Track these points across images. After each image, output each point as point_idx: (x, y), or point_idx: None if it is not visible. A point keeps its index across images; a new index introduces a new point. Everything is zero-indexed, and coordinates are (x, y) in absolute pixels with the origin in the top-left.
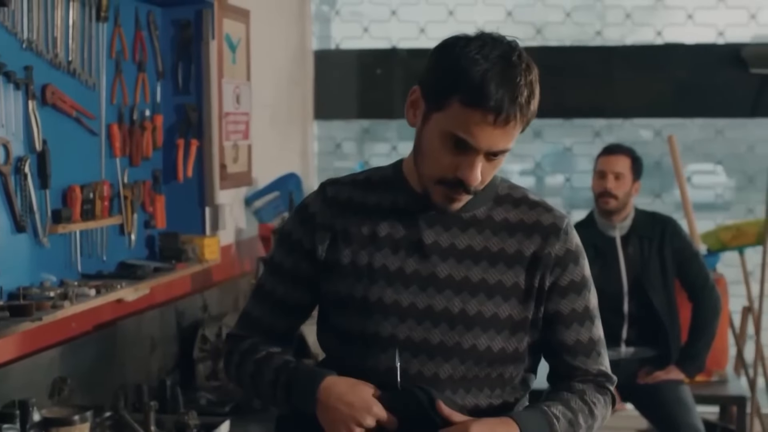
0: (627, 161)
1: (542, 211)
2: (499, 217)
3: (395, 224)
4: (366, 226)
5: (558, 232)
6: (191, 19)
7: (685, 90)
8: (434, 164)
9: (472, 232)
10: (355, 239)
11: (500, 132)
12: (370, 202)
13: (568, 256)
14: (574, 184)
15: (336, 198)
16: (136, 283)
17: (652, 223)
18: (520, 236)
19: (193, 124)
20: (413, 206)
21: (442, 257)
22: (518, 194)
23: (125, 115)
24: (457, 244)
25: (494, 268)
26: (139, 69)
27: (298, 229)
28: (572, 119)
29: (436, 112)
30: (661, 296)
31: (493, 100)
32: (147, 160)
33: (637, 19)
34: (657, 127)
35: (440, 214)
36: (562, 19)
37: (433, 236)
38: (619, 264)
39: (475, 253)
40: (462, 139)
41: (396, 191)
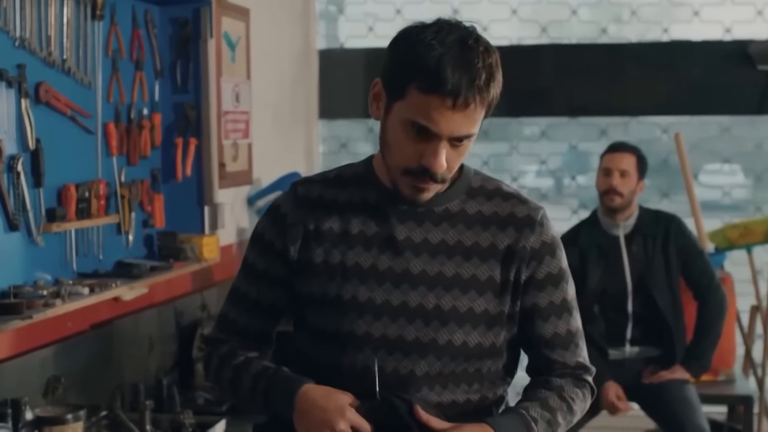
0: (632, 159)
1: (516, 203)
2: (472, 211)
3: (367, 221)
4: (337, 223)
5: (533, 224)
6: (189, 18)
7: (692, 87)
8: (399, 154)
9: (445, 227)
10: (327, 238)
11: (461, 116)
12: (341, 200)
13: (544, 248)
14: (580, 183)
15: (307, 197)
16: (132, 282)
17: (656, 222)
18: (494, 229)
19: (191, 122)
20: (384, 202)
21: (415, 253)
22: (491, 186)
23: (122, 113)
24: (431, 239)
25: (468, 263)
26: (137, 67)
27: (270, 230)
28: (579, 117)
29: (397, 101)
30: (666, 295)
31: (450, 84)
32: (145, 159)
33: (643, 17)
34: (664, 125)
35: (412, 210)
36: (567, 17)
37: (405, 232)
38: (623, 263)
39: (448, 248)
40: (423, 125)
41: (367, 187)
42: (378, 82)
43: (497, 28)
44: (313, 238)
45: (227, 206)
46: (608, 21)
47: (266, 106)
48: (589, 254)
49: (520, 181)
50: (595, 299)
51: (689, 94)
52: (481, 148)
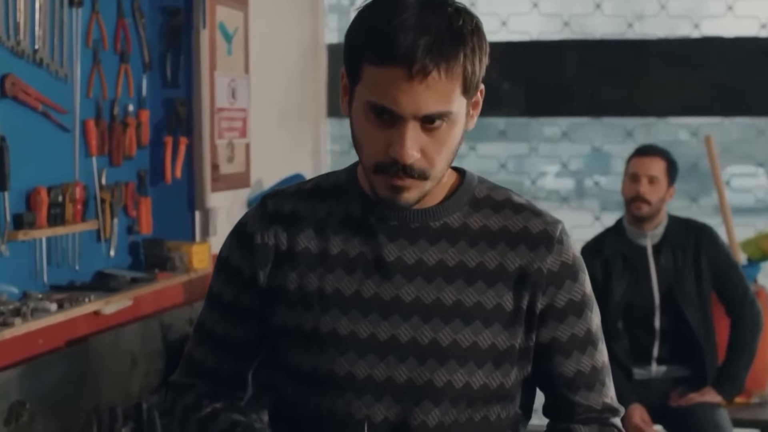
0: (662, 164)
1: (530, 215)
2: (476, 225)
3: (350, 239)
4: (314, 243)
5: (550, 241)
6: (181, 6)
7: (723, 87)
8: (367, 148)
9: (443, 245)
10: (302, 260)
11: (422, 89)
12: (319, 215)
13: (564, 270)
14: (603, 186)
15: (278, 212)
16: (109, 296)
17: (687, 231)
18: (502, 247)
19: (182, 120)
20: (370, 216)
21: (407, 277)
22: (500, 196)
23: (104, 109)
24: (426, 259)
25: (472, 288)
26: (122, 60)
27: (236, 254)
28: (602, 118)
29: (356, 85)
30: (696, 310)
31: (402, 48)
32: (130, 160)
33: (672, 11)
34: (693, 127)
35: (404, 225)
36: (592, 11)
37: (395, 251)
38: (651, 275)
39: (447, 270)
40: (381, 106)
41: (349, 200)
42: (343, 72)
43: (517, 23)
44: (286, 261)
45: (221, 211)
46: (635, 15)
47: (269, 103)
48: (614, 265)
49: (539, 183)
50: (620, 314)
51: (721, 93)
52: (498, 148)
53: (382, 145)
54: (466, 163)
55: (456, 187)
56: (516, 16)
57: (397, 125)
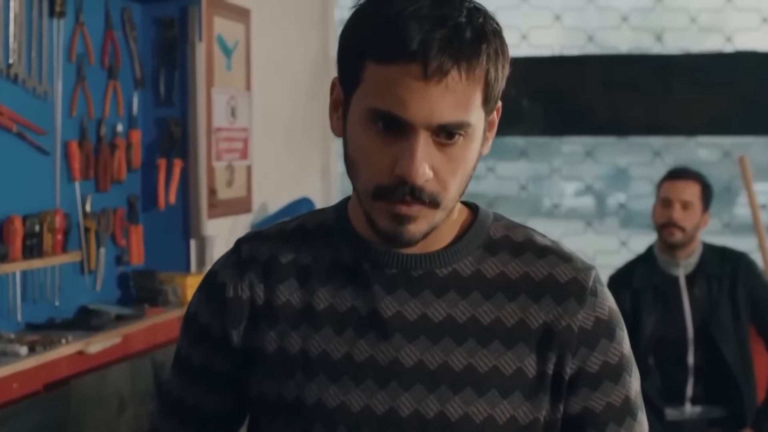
0: (697, 188)
1: (556, 260)
2: (492, 273)
3: (339, 290)
4: (297, 295)
5: (582, 293)
6: (175, 17)
7: (757, 104)
8: (366, 169)
9: (452, 297)
10: (283, 316)
11: (439, 92)
12: (302, 261)
13: (600, 328)
14: (629, 206)
15: (253, 258)
16: (90, 335)
17: (722, 260)
18: (524, 300)
19: (176, 140)
20: (363, 262)
21: (408, 336)
22: (520, 237)
23: (89, 130)
24: (431, 315)
25: (486, 349)
26: (110, 75)
27: (204, 309)
28: (628, 137)
29: (354, 91)
30: (733, 345)
31: (415, 42)
32: (119, 184)
33: (703, 24)
34: (726, 147)
35: (404, 273)
36: (617, 24)
37: (394, 305)
38: (683, 307)
39: (457, 328)
40: (386, 112)
41: (339, 242)
42: (335, 82)
43: (538, 36)
44: (264, 318)
45: (219, 240)
46: (663, 29)
47: (273, 121)
48: (644, 297)
49: (559, 202)
50: (650, 349)
51: (755, 111)
52: (518, 168)
53: (386, 163)
54: (484, 185)
55: (467, 226)
56: (537, 29)
57: (406, 137)
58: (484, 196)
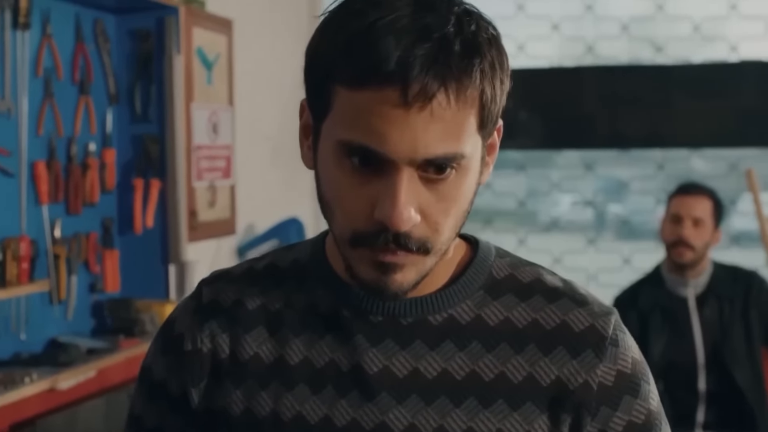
0: (708, 204)
1: (570, 305)
2: (495, 319)
3: (316, 342)
4: (267, 347)
5: (601, 343)
6: (151, 29)
7: (765, 115)
8: (341, 212)
9: (448, 348)
10: (250, 373)
11: (424, 120)
12: (272, 306)
13: (622, 384)
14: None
15: (216, 303)
16: (58, 372)
17: (734, 280)
18: (532, 351)
19: (154, 160)
20: (343, 308)
21: (397, 396)
22: (527, 277)
23: (59, 149)
24: (424, 370)
25: (489, 411)
26: (81, 91)
27: (160, 363)
28: (627, 150)
29: (324, 120)
30: (746, 370)
31: (392, 62)
32: (92, 207)
33: (706, 32)
34: (732, 159)
35: (392, 321)
36: (618, 33)
37: (380, 359)
38: (693, 330)
39: (455, 385)
40: (361, 146)
41: (315, 284)
42: (304, 105)
43: (536, 47)
44: (228, 374)
45: (200, 264)
46: (665, 38)
47: (260, 138)
48: (651, 319)
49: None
50: (659, 374)
51: (763, 123)
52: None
53: (364, 206)
54: (479, 200)
55: (466, 265)
56: (535, 40)
57: (386, 175)
58: (479, 212)
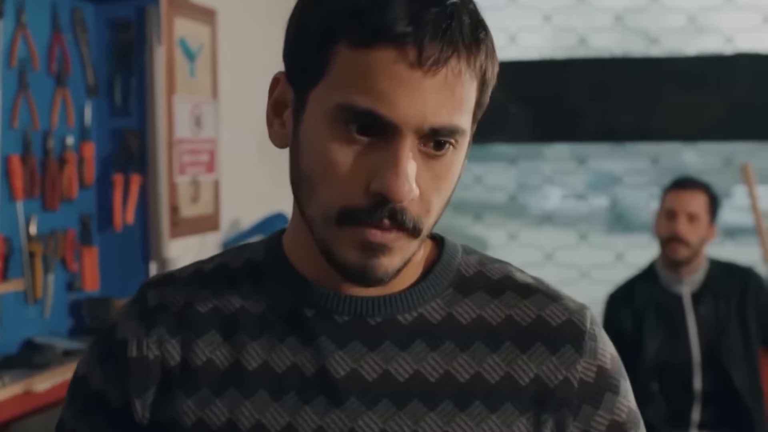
0: (703, 199)
1: (543, 300)
2: (467, 317)
3: (275, 345)
4: (221, 353)
5: (579, 338)
6: (132, 19)
7: (761, 109)
8: (329, 184)
9: (420, 349)
10: (204, 380)
11: (435, 87)
12: (226, 309)
13: (603, 380)
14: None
15: (163, 307)
16: (33, 375)
17: (730, 277)
18: (509, 349)
19: (134, 154)
20: (304, 308)
21: (366, 401)
22: (496, 273)
23: (34, 143)
24: (394, 372)
25: (465, 413)
26: (58, 83)
27: (98, 373)
28: (619, 143)
29: (315, 86)
30: (742, 369)
31: (406, 21)
32: (70, 203)
33: (701, 24)
34: (727, 154)
35: (358, 321)
36: (611, 25)
37: (347, 362)
38: (688, 328)
39: (428, 388)
40: (366, 111)
41: (273, 284)
42: (280, 78)
43: (527, 38)
44: (179, 383)
45: (182, 261)
46: (660, 29)
47: (245, 131)
48: (646, 317)
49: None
50: (654, 373)
51: (759, 116)
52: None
53: (359, 178)
54: (469, 193)
55: (432, 263)
56: (526, 30)
57: (388, 144)
58: (469, 206)
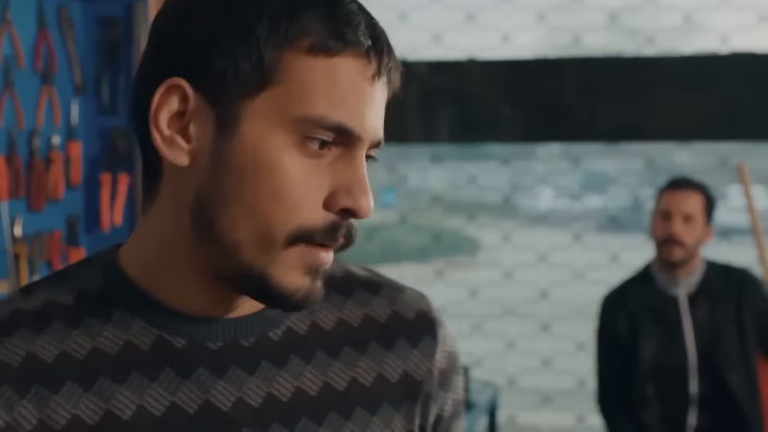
0: (699, 199)
1: (392, 293)
2: (330, 322)
3: (147, 386)
4: (86, 405)
5: (433, 326)
6: (119, 16)
7: (757, 108)
8: (281, 205)
9: (295, 364)
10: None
11: (383, 100)
12: (78, 354)
13: (451, 364)
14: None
15: (6, 367)
16: None
17: (727, 279)
18: (375, 349)
19: (122, 153)
20: (173, 339)
21: (259, 429)
22: (338, 270)
23: (19, 143)
24: (277, 393)
25: (351, 422)
26: (44, 81)
27: None
28: (612, 143)
29: (256, 94)
30: (739, 373)
31: (367, 30)
32: (56, 204)
33: (697, 23)
34: (723, 154)
35: (232, 346)
36: (605, 24)
37: (230, 391)
38: (684, 332)
39: (311, 402)
40: (335, 124)
41: (126, 318)
42: (178, 85)
43: (520, 38)
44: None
45: None
46: (654, 29)
47: None
48: (641, 319)
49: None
50: (650, 377)
51: (754, 116)
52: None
53: (316, 195)
54: (463, 192)
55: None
56: (520, 29)
57: (349, 159)
58: (463, 206)
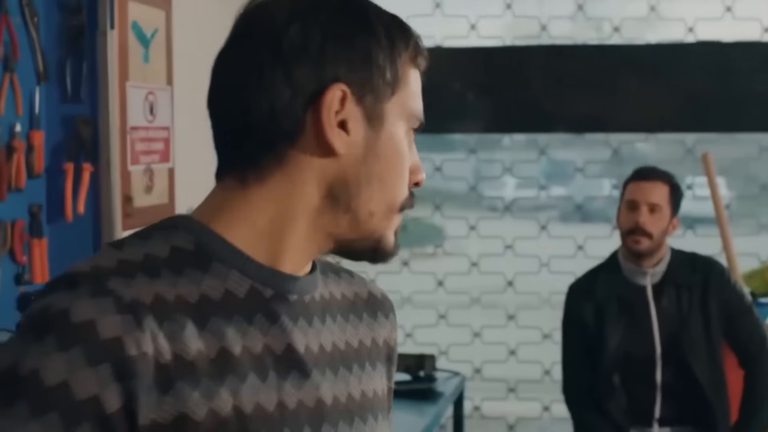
0: (665, 189)
1: (359, 277)
2: (337, 295)
3: (247, 329)
4: (204, 342)
5: (391, 307)
6: (83, 2)
7: (722, 98)
8: (402, 181)
9: (330, 322)
10: (202, 370)
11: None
12: (191, 298)
13: (396, 342)
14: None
15: (139, 301)
16: None
17: (693, 269)
18: (367, 319)
19: (86, 142)
20: (263, 289)
21: (320, 371)
22: (323, 258)
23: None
24: (324, 343)
25: (365, 373)
26: (6, 68)
27: (86, 377)
28: (578, 133)
29: (391, 97)
30: (705, 362)
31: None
32: (18, 193)
33: (664, 13)
34: (689, 144)
35: (301, 300)
36: (572, 13)
37: (302, 337)
38: (651, 321)
39: (342, 355)
40: (420, 120)
41: (222, 269)
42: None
43: (488, 26)
44: (180, 377)
45: None
46: (622, 18)
47: (201, 119)
48: (608, 309)
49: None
50: (615, 366)
51: (719, 106)
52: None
53: (408, 173)
54: (429, 182)
55: None
56: (487, 18)
57: (411, 142)
58: (428, 196)
